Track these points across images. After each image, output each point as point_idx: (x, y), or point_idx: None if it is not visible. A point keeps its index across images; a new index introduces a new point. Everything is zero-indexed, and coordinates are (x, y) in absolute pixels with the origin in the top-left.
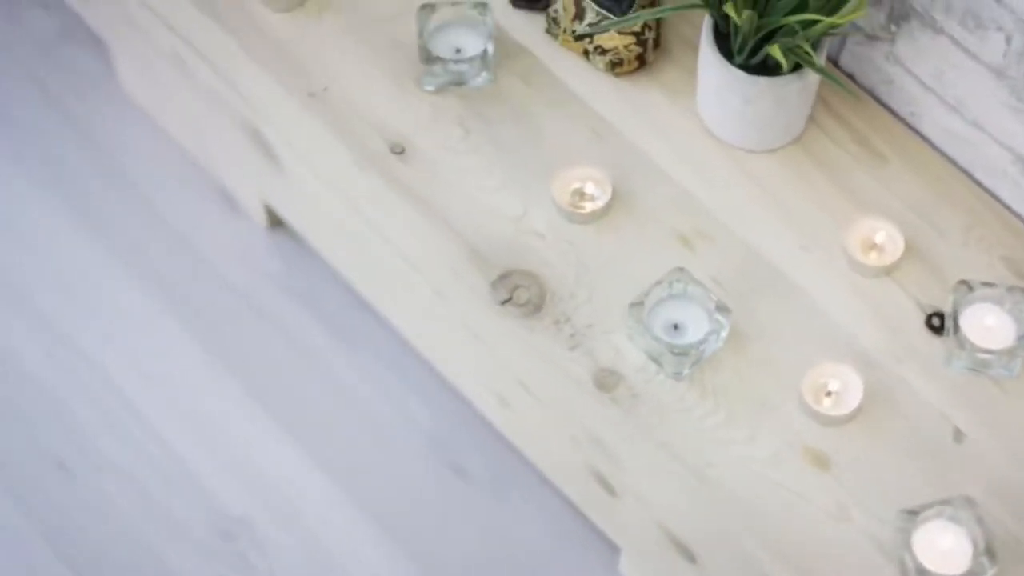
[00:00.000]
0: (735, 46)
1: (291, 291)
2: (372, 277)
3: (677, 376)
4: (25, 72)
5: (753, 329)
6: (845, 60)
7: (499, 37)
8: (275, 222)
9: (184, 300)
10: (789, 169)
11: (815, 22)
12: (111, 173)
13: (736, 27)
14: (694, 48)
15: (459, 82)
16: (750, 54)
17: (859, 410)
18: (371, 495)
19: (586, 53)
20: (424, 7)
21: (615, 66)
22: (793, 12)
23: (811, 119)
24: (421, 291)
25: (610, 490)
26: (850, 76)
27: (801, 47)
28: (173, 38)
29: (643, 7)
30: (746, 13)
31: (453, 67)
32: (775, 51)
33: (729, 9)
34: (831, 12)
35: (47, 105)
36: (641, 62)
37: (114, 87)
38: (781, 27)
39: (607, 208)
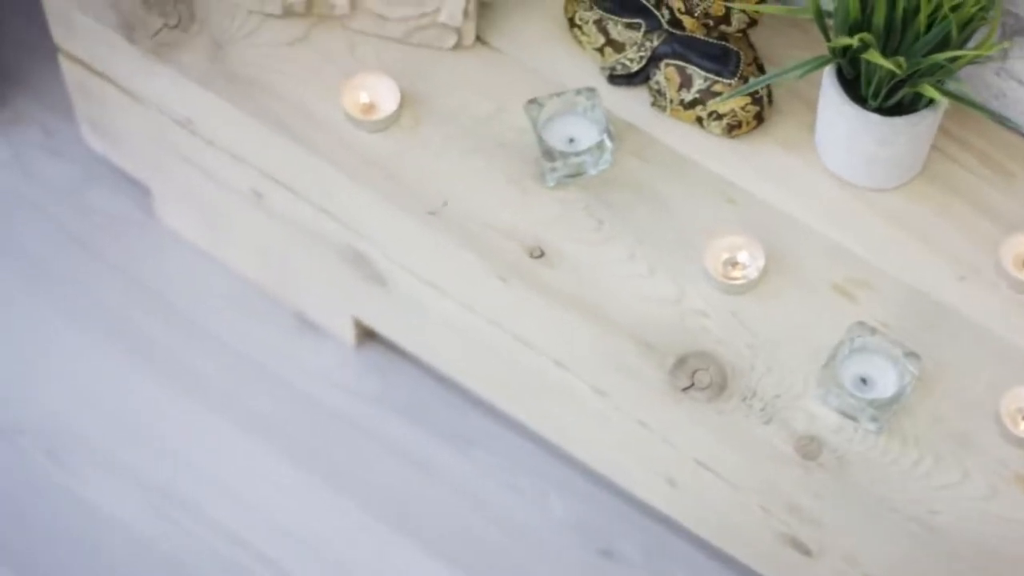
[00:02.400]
0: (868, 91)
1: (394, 406)
2: (506, 385)
3: (877, 430)
4: (56, 226)
5: (933, 367)
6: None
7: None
8: (363, 339)
9: (282, 431)
10: (924, 201)
11: (958, 57)
12: (167, 313)
13: (870, 71)
14: (800, 97)
15: (578, 173)
16: (886, 96)
17: None
18: None
19: (699, 120)
20: (531, 102)
21: (732, 129)
22: (934, 50)
23: (932, 146)
24: (574, 391)
25: (807, 552)
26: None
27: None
28: (246, 170)
29: (748, 65)
30: (894, 59)
31: (574, 159)
32: (928, 90)
33: (874, 57)
34: (963, 41)
35: (87, 256)
36: (759, 120)
37: (151, 226)
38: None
39: (763, 275)
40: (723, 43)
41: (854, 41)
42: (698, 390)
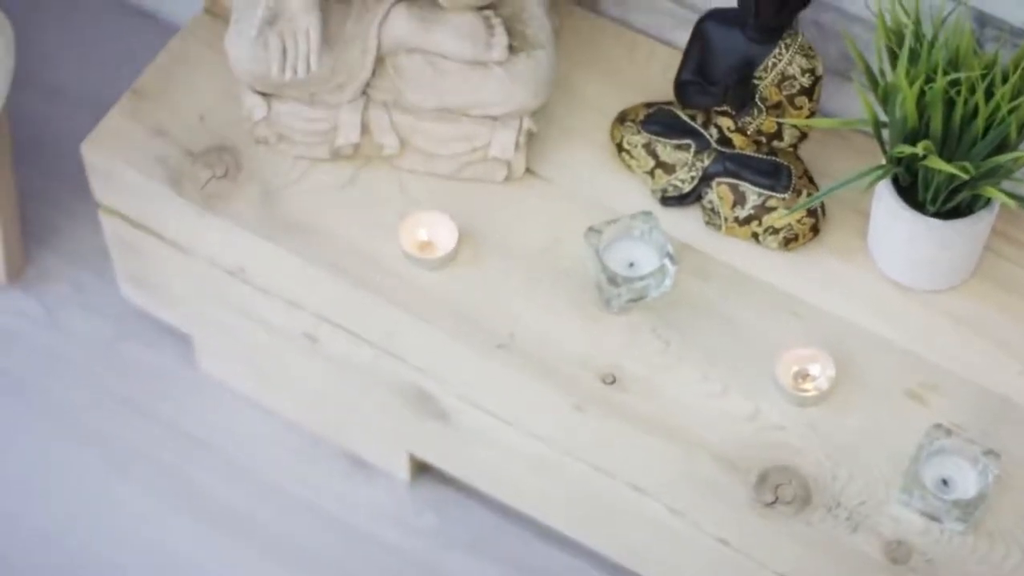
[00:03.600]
0: (927, 196)
1: (453, 540)
2: (574, 512)
3: (963, 530)
4: (96, 381)
5: (1010, 462)
6: None
7: None
8: (417, 473)
9: (341, 571)
10: (982, 300)
11: (1018, 158)
12: (216, 462)
13: (928, 177)
14: (847, 204)
15: (641, 296)
16: (944, 201)
17: None
18: None
19: (755, 236)
20: (590, 231)
21: (789, 242)
22: (992, 153)
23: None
24: (650, 513)
25: None
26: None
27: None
28: (301, 315)
29: (799, 178)
30: (959, 164)
31: (637, 284)
32: (994, 192)
33: (938, 163)
34: (1020, 141)
35: (130, 410)
36: (815, 232)
37: (193, 375)
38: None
39: (834, 386)
40: (773, 158)
41: (918, 149)
42: (783, 504)
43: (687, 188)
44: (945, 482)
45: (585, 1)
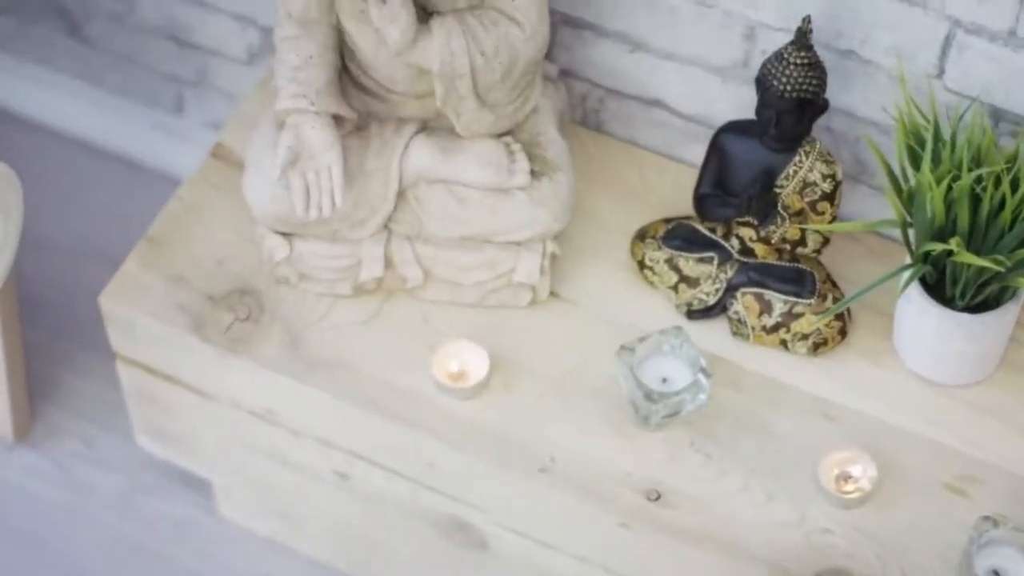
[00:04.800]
0: (956, 291)
1: None
2: None
3: None
4: (114, 535)
5: None
6: None
7: None
8: None
9: None
10: (1011, 390)
11: None
12: None
13: (956, 273)
14: (868, 305)
15: (677, 411)
16: (973, 295)
17: None
18: None
19: (783, 343)
20: (623, 349)
21: (818, 347)
22: (1020, 244)
23: None
24: None
25: None
26: None
27: None
28: (331, 453)
29: (823, 283)
30: (992, 258)
31: (673, 399)
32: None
33: (969, 258)
34: None
35: (151, 561)
36: (843, 335)
37: (212, 522)
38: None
39: (876, 486)
40: (796, 265)
41: (952, 245)
42: None
43: (712, 300)
44: (997, 573)
45: (590, 122)
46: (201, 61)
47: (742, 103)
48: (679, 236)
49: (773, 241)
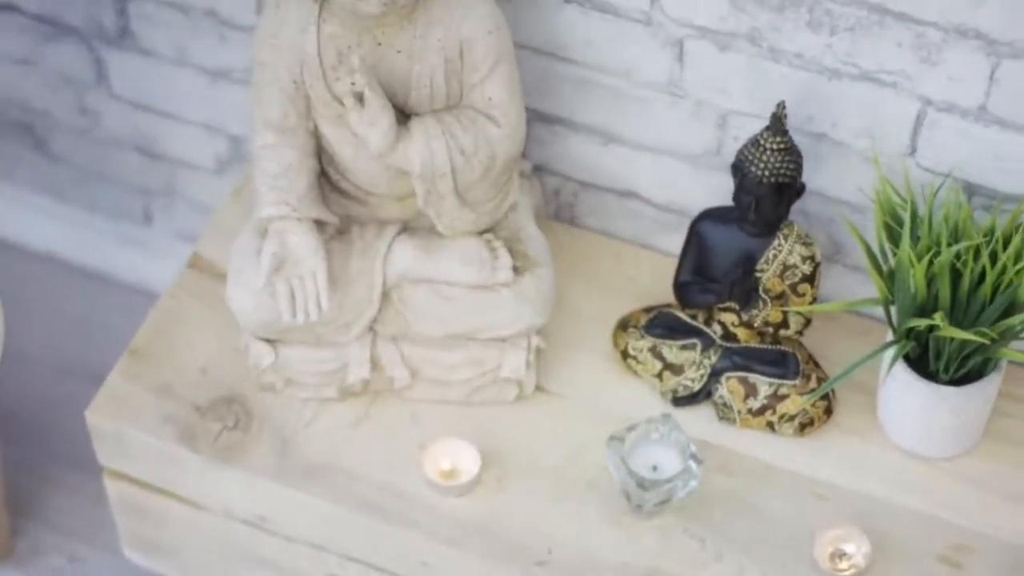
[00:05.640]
0: (939, 365)
1: None
2: None
3: None
4: None
5: None
6: None
7: None
8: None
9: None
10: (996, 459)
11: None
12: None
13: (939, 347)
14: (854, 383)
15: (668, 498)
16: (957, 368)
17: None
18: None
19: (770, 425)
20: (612, 439)
21: (805, 427)
22: (1003, 315)
23: None
24: None
25: None
26: None
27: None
28: (326, 557)
29: (806, 363)
30: (976, 330)
31: (665, 486)
32: (1011, 354)
33: (954, 332)
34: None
35: None
36: (829, 414)
37: None
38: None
39: (871, 562)
40: (778, 347)
41: (937, 320)
42: None
43: (697, 386)
44: None
45: (563, 215)
46: (169, 172)
47: (715, 190)
48: (661, 324)
49: (756, 325)
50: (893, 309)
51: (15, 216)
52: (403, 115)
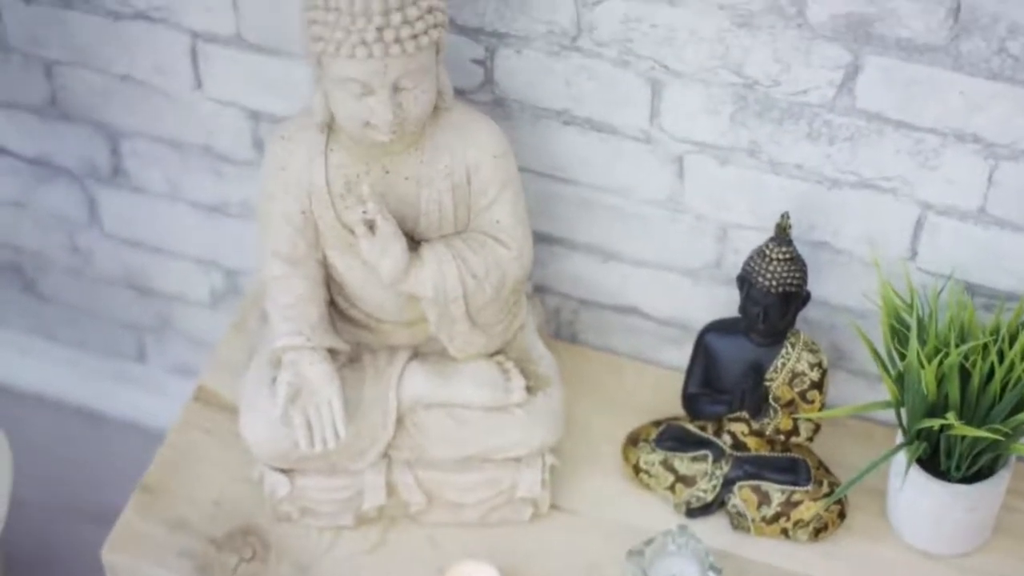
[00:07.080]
0: (951, 464)
1: None
2: None
3: None
4: None
5: None
6: None
7: None
8: None
9: None
10: (1009, 554)
11: None
12: None
13: (951, 446)
14: (864, 485)
15: None
16: (968, 466)
17: None
18: None
19: (784, 532)
20: (631, 553)
21: (819, 532)
22: (1013, 412)
23: None
24: None
25: None
26: None
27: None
28: None
29: (817, 469)
30: (989, 428)
31: None
32: (1022, 449)
33: (966, 431)
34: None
35: None
36: (842, 518)
37: None
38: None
39: None
40: (789, 454)
41: (950, 420)
42: None
43: (710, 497)
44: None
45: (564, 334)
46: (163, 307)
47: (716, 302)
48: (671, 437)
49: (767, 433)
50: (903, 411)
51: (6, 359)
52: (412, 241)
